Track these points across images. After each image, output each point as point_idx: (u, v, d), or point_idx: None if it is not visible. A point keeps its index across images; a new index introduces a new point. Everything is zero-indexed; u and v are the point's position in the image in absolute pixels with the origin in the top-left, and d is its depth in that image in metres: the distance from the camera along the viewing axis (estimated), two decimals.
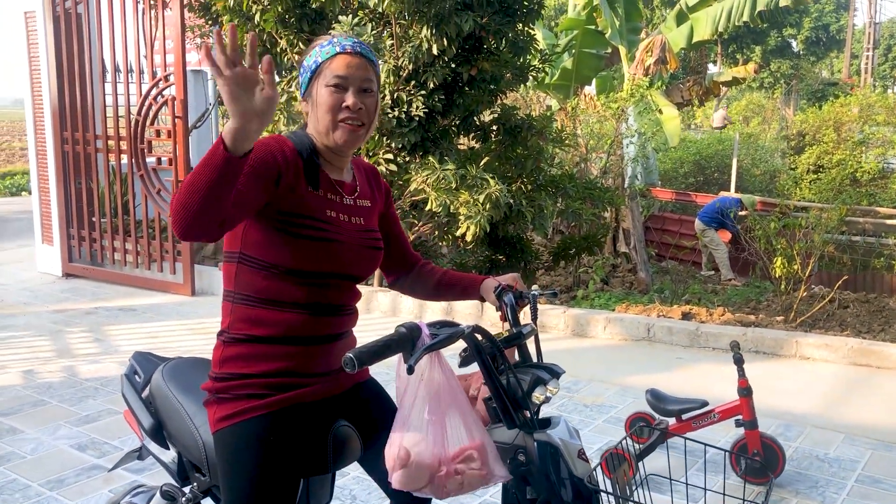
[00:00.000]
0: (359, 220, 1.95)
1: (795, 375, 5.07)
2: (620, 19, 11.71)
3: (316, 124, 1.88)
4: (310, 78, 1.88)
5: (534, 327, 1.97)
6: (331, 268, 1.87)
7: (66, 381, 4.96)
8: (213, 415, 1.87)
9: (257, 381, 1.84)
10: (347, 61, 1.85)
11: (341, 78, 1.84)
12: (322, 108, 1.85)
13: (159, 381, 2.24)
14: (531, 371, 1.83)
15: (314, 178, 1.86)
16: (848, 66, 34.89)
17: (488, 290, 2.12)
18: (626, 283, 10.38)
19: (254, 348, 1.84)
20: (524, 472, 1.77)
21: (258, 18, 6.26)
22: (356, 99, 1.85)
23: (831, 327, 7.14)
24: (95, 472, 3.70)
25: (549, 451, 1.75)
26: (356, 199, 1.97)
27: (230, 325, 1.88)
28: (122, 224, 7.65)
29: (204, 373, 2.22)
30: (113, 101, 7.48)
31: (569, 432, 1.82)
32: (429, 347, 1.60)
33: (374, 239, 1.99)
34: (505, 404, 1.78)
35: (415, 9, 5.49)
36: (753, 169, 16.41)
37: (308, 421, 1.87)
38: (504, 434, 1.79)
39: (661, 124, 11.52)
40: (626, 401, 4.63)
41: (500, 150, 6.68)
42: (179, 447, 2.14)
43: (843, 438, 4.10)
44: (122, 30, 7.25)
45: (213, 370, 1.90)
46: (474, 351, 1.76)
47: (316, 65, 1.86)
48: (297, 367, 1.86)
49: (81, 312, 6.69)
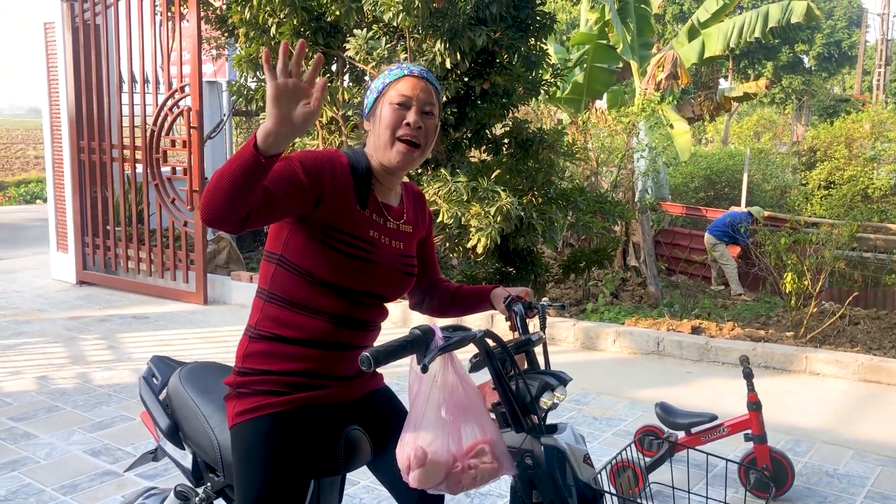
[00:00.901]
0: (399, 244, 2.01)
1: (805, 391, 5.07)
2: (632, 34, 11.77)
3: (376, 141, 1.93)
4: (375, 98, 1.94)
5: (542, 335, 2.02)
6: (363, 286, 1.92)
7: (80, 388, 5.01)
8: (231, 409, 1.92)
9: (277, 379, 1.89)
10: (413, 83, 1.91)
11: (405, 97, 1.90)
12: (383, 124, 1.90)
13: (176, 383, 2.29)
14: (539, 377, 1.87)
15: (364, 197, 1.92)
16: (860, 83, 34.83)
17: (498, 298, 2.17)
18: (636, 297, 10.39)
19: (277, 347, 1.90)
20: (531, 476, 1.81)
21: (274, 31, 6.34)
22: (417, 117, 1.90)
23: (841, 343, 7.13)
24: (108, 478, 3.75)
25: (555, 454, 1.79)
26: (400, 224, 2.03)
27: (258, 322, 1.93)
28: (136, 232, 7.73)
29: (219, 376, 2.27)
30: (129, 111, 7.57)
31: (575, 437, 1.87)
32: (442, 348, 1.65)
33: (409, 265, 2.04)
34: (514, 408, 1.83)
35: (429, 23, 5.55)
36: (764, 184, 16.42)
37: (322, 422, 1.92)
38: (512, 438, 1.83)
39: (671, 139, 11.54)
40: (636, 414, 4.64)
41: (512, 163, 6.73)
42: (195, 447, 2.19)
43: (853, 455, 4.10)
44: (139, 41, 7.34)
45: (236, 364, 1.97)
46: (485, 355, 1.80)
47: (383, 85, 1.93)
48: (317, 370, 1.91)
49: (95, 320, 6.75)
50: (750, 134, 24.67)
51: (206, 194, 1.61)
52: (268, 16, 6.33)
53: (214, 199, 1.60)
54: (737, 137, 24.77)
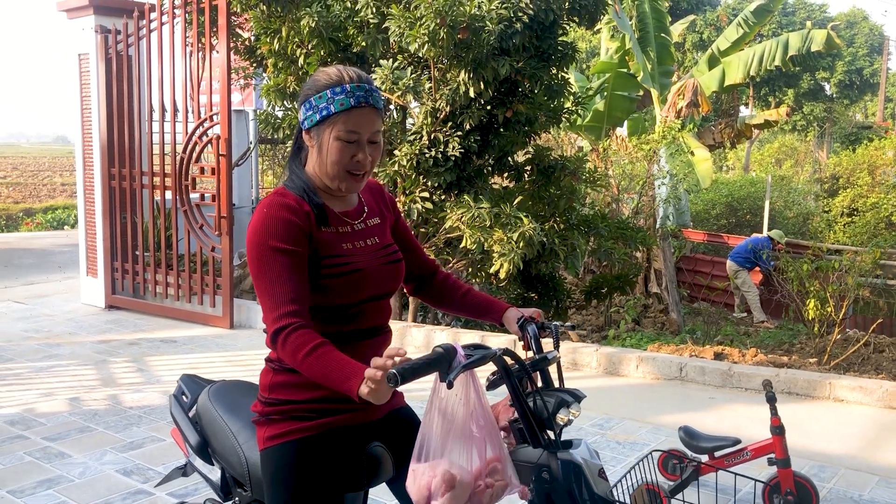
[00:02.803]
0: (374, 240, 2.06)
1: (828, 417, 5.07)
2: (653, 62, 11.88)
3: (321, 167, 1.96)
4: (318, 120, 1.91)
5: (557, 354, 2.09)
6: (362, 295, 1.99)
7: (111, 409, 5.11)
8: (261, 434, 2.00)
9: (303, 406, 1.97)
10: (360, 118, 1.90)
11: (354, 134, 1.90)
12: (331, 159, 1.92)
13: (205, 401, 2.37)
14: (556, 394, 1.94)
15: (323, 217, 1.97)
16: (882, 110, 34.68)
17: (510, 320, 2.24)
18: (658, 324, 10.39)
19: (302, 377, 1.95)
20: (548, 490, 1.86)
21: (302, 62, 6.50)
22: (366, 154, 1.94)
23: (866, 371, 7.10)
24: (141, 497, 3.83)
25: (572, 469, 1.85)
26: (365, 220, 2.08)
27: (279, 357, 1.98)
28: (164, 258, 7.88)
29: (247, 394, 2.36)
30: (160, 139, 7.75)
31: (590, 452, 1.92)
32: (466, 365, 1.72)
33: (391, 253, 2.09)
34: (531, 424, 1.89)
35: (453, 53, 5.68)
36: (786, 211, 16.38)
37: (347, 443, 2.00)
38: (529, 454, 1.89)
39: (692, 166, 11.60)
40: (659, 439, 4.66)
41: (534, 189, 6.81)
42: (223, 463, 2.26)
43: (878, 481, 4.10)
44: (170, 71, 7.54)
45: (262, 394, 2.03)
46: (503, 373, 1.87)
47: (328, 112, 1.89)
48: (339, 395, 1.98)
49: (124, 343, 6.88)
50: (771, 161, 24.61)
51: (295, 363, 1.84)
52: (296, 46, 6.49)
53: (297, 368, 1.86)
54: (758, 164, 24.72)
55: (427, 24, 5.45)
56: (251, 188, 10.22)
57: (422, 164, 6.19)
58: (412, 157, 6.14)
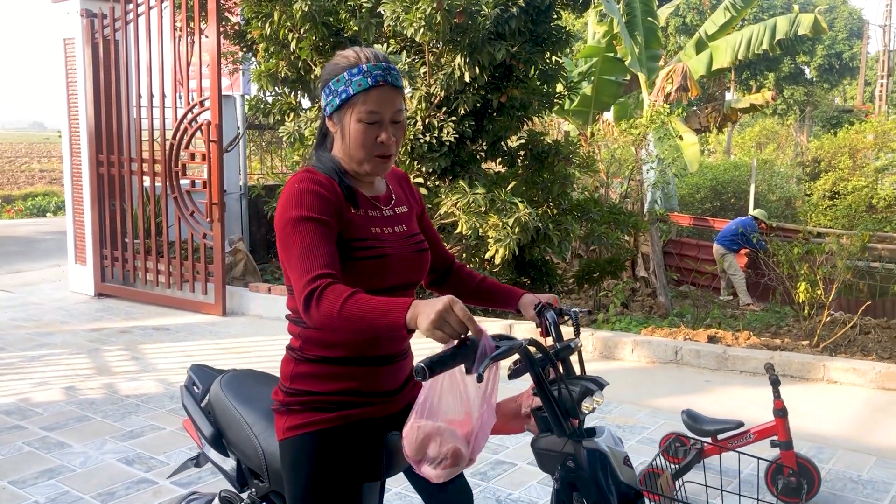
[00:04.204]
0: (402, 227, 2.03)
1: (824, 399, 5.13)
2: (640, 47, 11.89)
3: (346, 151, 1.92)
4: (339, 104, 1.88)
5: (579, 342, 2.09)
6: (389, 282, 1.96)
7: (108, 398, 5.07)
8: (282, 423, 1.98)
9: (325, 398, 1.95)
10: (381, 96, 1.86)
11: (375, 114, 1.87)
12: (355, 143, 1.89)
13: (218, 391, 2.35)
14: (579, 382, 1.94)
15: (353, 199, 1.94)
16: (862, 93, 34.98)
17: (527, 305, 2.22)
18: (646, 308, 10.44)
19: (325, 368, 1.95)
20: (572, 479, 1.86)
21: (294, 46, 6.45)
22: (389, 133, 1.89)
23: (853, 353, 7.19)
24: (144, 486, 3.81)
25: (598, 457, 1.85)
26: (394, 207, 2.05)
27: (302, 347, 1.97)
28: (154, 245, 7.81)
29: (260, 384, 2.34)
30: (149, 125, 7.67)
31: (614, 440, 1.92)
32: (494, 357, 1.70)
33: (418, 242, 2.06)
34: (556, 414, 1.89)
35: (449, 38, 5.65)
36: (769, 195, 16.51)
37: (367, 434, 1.99)
38: (553, 443, 1.89)
39: (680, 150, 11.65)
40: (658, 422, 4.70)
41: (527, 174, 6.82)
42: (239, 454, 2.24)
43: (875, 461, 4.16)
44: (159, 56, 7.44)
45: (283, 384, 2.01)
46: (528, 362, 1.86)
47: (347, 95, 1.86)
48: (363, 387, 1.97)
49: (116, 331, 6.82)
50: (752, 145, 24.76)
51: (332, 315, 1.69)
52: (288, 31, 6.43)
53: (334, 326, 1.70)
54: (739, 148, 24.86)
55: (423, 7, 5.42)
56: (238, 174, 10.13)
57: (416, 150, 6.17)
58: (406, 142, 6.12)
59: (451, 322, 1.59)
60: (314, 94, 6.97)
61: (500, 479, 3.88)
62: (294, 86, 7.01)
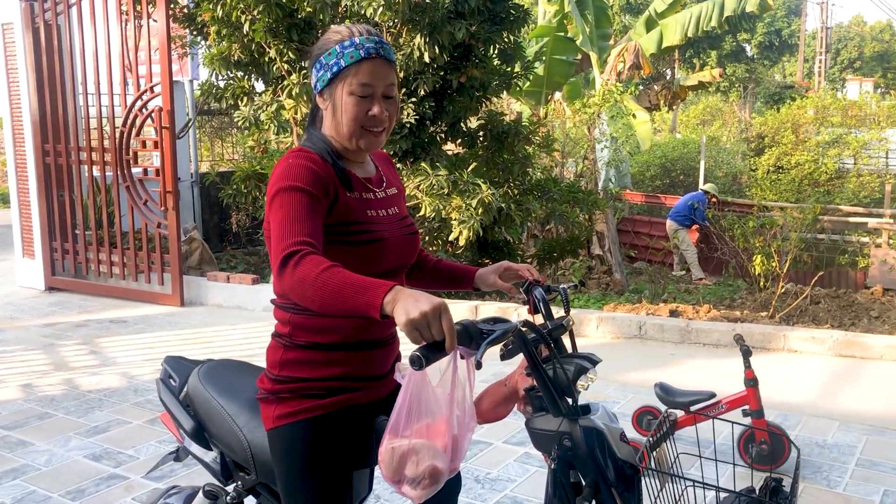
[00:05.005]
0: (394, 209, 1.99)
1: (786, 368, 5.26)
2: (590, 26, 11.94)
3: (337, 127, 1.87)
4: (331, 78, 1.84)
5: (571, 319, 2.08)
6: (383, 265, 1.91)
7: (69, 394, 4.93)
8: (271, 412, 1.93)
9: (316, 385, 1.91)
10: (373, 69, 1.82)
11: (367, 87, 1.83)
12: (347, 116, 1.84)
13: (196, 383, 2.28)
14: (573, 361, 1.92)
15: (346, 181, 1.89)
16: (801, 70, 35.83)
17: (486, 281, 2.20)
18: (602, 285, 10.56)
19: (315, 355, 1.90)
20: (570, 457, 1.86)
21: (247, 28, 6.30)
22: (381, 107, 1.85)
23: (806, 322, 7.39)
24: (115, 481, 3.71)
25: (594, 435, 1.83)
26: (386, 189, 2.00)
27: (291, 333, 1.92)
28: (107, 236, 7.60)
29: (239, 374, 2.28)
30: (97, 112, 7.43)
31: (609, 417, 1.91)
32: (490, 341, 1.67)
33: (409, 225, 2.03)
34: (552, 393, 1.87)
35: (408, 17, 5.58)
36: (717, 171, 16.82)
37: (357, 421, 1.96)
38: (549, 422, 1.87)
39: (633, 128, 11.76)
40: (628, 396, 4.77)
41: (487, 155, 6.81)
42: (223, 447, 2.18)
43: (839, 426, 4.28)
44: (105, 41, 7.20)
45: (271, 371, 1.95)
46: (521, 343, 1.84)
47: (339, 67, 1.82)
48: (353, 373, 1.94)
49: (71, 325, 6.63)
50: (697, 122, 25.16)
51: (306, 283, 1.59)
52: (241, 13, 6.28)
53: (305, 293, 1.59)
54: (684, 126, 25.25)
55: None
56: (190, 161, 9.91)
57: None
58: None
59: (433, 329, 1.50)
60: (268, 78, 6.83)
61: (477, 459, 3.88)
62: (247, 69, 6.85)
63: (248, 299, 7.09)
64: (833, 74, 41.77)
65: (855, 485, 3.59)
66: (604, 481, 1.83)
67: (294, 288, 1.61)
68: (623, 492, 1.82)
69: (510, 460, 3.87)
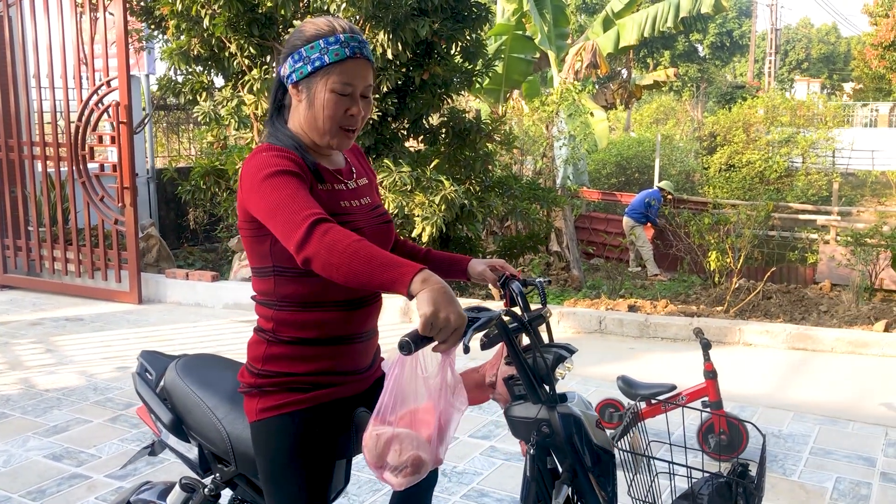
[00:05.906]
0: (366, 199, 1.99)
1: (742, 360, 5.40)
2: (549, 25, 12.06)
3: (312, 122, 1.87)
4: (311, 72, 1.82)
5: (549, 311, 2.14)
6: None
7: (25, 393, 4.84)
8: (253, 405, 1.94)
9: (301, 379, 1.92)
10: (356, 68, 1.83)
11: (349, 86, 1.83)
12: (325, 113, 1.84)
13: (174, 377, 2.28)
14: (552, 350, 1.98)
15: (318, 174, 1.88)
16: (752, 70, 36.59)
17: (476, 268, 2.23)
18: (560, 281, 10.70)
19: (299, 350, 1.91)
20: (548, 444, 1.91)
21: (207, 23, 6.23)
22: (359, 107, 1.87)
23: (759, 317, 7.59)
24: (77, 481, 3.66)
25: (572, 421, 1.89)
26: (356, 179, 2.01)
27: (275, 329, 1.93)
28: (62, 233, 7.45)
29: (216, 368, 2.28)
30: (51, 106, 7.28)
31: (585, 405, 1.97)
32: (476, 328, 1.72)
33: (382, 214, 2.04)
34: (531, 381, 1.92)
35: (372, 14, 5.59)
36: (670, 169, 17.13)
37: (339, 414, 1.98)
38: (527, 410, 1.92)
39: (590, 127, 11.92)
40: (590, 389, 4.85)
41: (449, 152, 6.84)
42: (201, 440, 2.19)
43: (793, 416, 4.42)
44: (60, 34, 7.05)
45: (253, 366, 1.96)
46: (503, 332, 1.89)
47: (322, 63, 1.81)
48: (337, 366, 1.95)
49: (25, 324, 6.49)
50: (650, 121, 25.56)
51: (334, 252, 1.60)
52: (200, 7, 6.21)
53: (333, 260, 1.60)
54: (637, 125, 25.62)
55: None
56: (146, 157, 9.76)
57: None
58: None
59: (447, 331, 1.54)
60: (228, 73, 6.76)
61: None
62: (207, 64, 6.78)
63: (208, 297, 7.02)
64: (782, 75, 42.79)
65: (809, 472, 3.72)
66: (581, 466, 1.89)
67: (320, 253, 1.61)
68: (599, 476, 1.88)
69: (476, 454, 3.92)
